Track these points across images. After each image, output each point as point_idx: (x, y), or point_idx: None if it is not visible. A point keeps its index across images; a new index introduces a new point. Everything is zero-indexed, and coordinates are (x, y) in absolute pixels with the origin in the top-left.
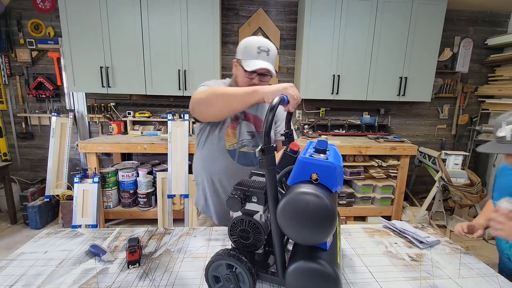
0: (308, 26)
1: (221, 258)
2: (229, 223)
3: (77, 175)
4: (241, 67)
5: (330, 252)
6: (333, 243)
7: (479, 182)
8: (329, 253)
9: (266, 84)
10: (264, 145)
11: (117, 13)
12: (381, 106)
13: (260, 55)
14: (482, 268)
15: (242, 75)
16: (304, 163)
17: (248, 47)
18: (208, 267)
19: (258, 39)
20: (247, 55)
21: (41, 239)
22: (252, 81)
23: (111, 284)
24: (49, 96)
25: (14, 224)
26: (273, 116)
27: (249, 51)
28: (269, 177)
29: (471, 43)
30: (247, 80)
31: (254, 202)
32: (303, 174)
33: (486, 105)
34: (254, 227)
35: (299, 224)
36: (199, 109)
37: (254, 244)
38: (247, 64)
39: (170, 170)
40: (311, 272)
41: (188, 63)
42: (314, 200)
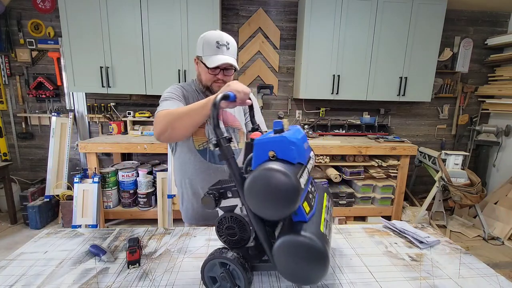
0: (308, 26)
1: (213, 258)
2: (215, 224)
3: (77, 175)
4: (203, 64)
5: (311, 223)
6: (316, 214)
7: (479, 182)
8: (310, 223)
9: (230, 78)
10: (216, 138)
11: (117, 13)
12: (381, 106)
13: (220, 49)
14: (482, 268)
15: (205, 72)
16: (259, 144)
17: (207, 42)
18: (203, 269)
19: (215, 33)
20: (207, 51)
21: (41, 239)
22: (216, 77)
23: (111, 284)
24: (49, 96)
25: (14, 224)
26: (217, 112)
27: (208, 46)
28: (231, 167)
29: (471, 43)
30: (211, 77)
31: (230, 197)
32: (262, 155)
33: (486, 105)
34: (237, 221)
35: (264, 200)
36: (165, 136)
37: (242, 238)
38: (209, 61)
39: (170, 170)
40: (292, 244)
41: (188, 63)
42: (272, 173)
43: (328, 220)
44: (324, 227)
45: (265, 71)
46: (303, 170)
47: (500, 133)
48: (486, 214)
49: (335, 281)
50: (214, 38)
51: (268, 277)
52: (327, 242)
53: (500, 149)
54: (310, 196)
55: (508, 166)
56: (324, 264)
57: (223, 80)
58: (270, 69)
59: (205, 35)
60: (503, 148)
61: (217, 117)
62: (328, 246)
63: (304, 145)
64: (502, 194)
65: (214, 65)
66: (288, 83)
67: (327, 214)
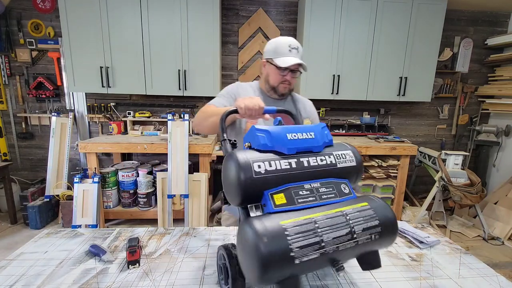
0: (308, 26)
1: (221, 248)
2: None
3: (77, 175)
4: (273, 65)
5: (277, 217)
6: (301, 211)
7: (479, 182)
8: (275, 217)
9: (295, 80)
10: (221, 139)
11: (117, 13)
12: (381, 106)
13: (291, 52)
14: (482, 268)
15: (274, 72)
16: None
17: (279, 46)
18: (217, 256)
19: (287, 38)
20: (278, 53)
21: (41, 239)
22: (284, 78)
23: (111, 284)
24: (49, 96)
25: (14, 224)
26: (223, 125)
27: (280, 49)
28: None
29: (471, 43)
30: (279, 78)
31: None
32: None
33: (486, 105)
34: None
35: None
36: (197, 129)
37: None
38: (280, 61)
39: (170, 170)
40: (239, 232)
41: (188, 63)
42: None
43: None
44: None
45: None
46: (274, 158)
47: (500, 133)
48: (486, 214)
49: (335, 281)
50: (286, 42)
51: None
52: (279, 242)
53: (500, 149)
54: (301, 192)
55: (508, 166)
56: (256, 265)
57: (289, 81)
58: None
59: (278, 39)
60: (503, 148)
61: (224, 127)
62: (279, 247)
63: (290, 135)
64: (502, 194)
65: (285, 65)
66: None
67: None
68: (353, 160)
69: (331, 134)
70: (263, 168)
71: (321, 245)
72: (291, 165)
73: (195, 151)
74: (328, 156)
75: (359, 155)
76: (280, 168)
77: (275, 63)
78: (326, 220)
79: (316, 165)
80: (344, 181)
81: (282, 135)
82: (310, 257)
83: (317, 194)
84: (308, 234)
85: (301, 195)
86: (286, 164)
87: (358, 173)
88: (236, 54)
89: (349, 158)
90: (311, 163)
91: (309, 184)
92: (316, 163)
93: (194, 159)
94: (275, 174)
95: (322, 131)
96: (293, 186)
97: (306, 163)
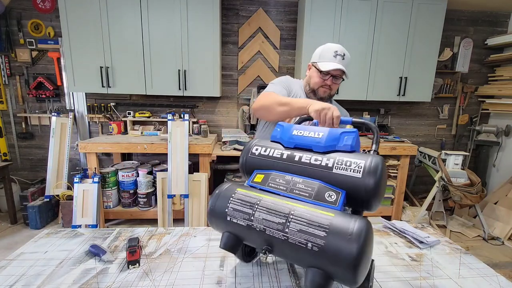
0: (308, 26)
1: None
2: None
3: (77, 175)
4: (316, 69)
5: (244, 188)
6: (269, 196)
7: (479, 182)
8: (242, 187)
9: (337, 86)
10: None
11: (117, 13)
12: (381, 106)
13: (336, 58)
14: (482, 268)
15: (316, 75)
16: None
17: (326, 50)
18: None
19: (336, 45)
20: (323, 58)
21: (41, 239)
22: (324, 82)
23: (111, 284)
24: (49, 96)
25: (14, 224)
26: None
27: (326, 54)
28: None
29: (471, 43)
30: (320, 81)
31: None
32: None
33: (486, 105)
34: None
35: None
36: (260, 113)
37: None
38: (322, 65)
39: (170, 170)
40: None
41: (188, 63)
42: None
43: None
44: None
45: (265, 71)
46: (271, 146)
47: (500, 133)
48: (486, 214)
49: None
50: (333, 48)
51: (268, 277)
52: (223, 199)
53: (500, 149)
54: (278, 180)
55: (508, 166)
56: (208, 208)
57: (330, 86)
58: (270, 69)
59: (326, 44)
60: (503, 148)
61: None
62: (221, 202)
63: (296, 132)
64: (502, 194)
65: (326, 69)
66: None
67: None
68: (359, 172)
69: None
70: (258, 152)
71: (249, 218)
72: (282, 156)
73: (195, 151)
74: (326, 159)
75: (379, 171)
76: (271, 155)
77: (317, 67)
78: (269, 203)
79: (307, 162)
80: (339, 190)
81: (289, 130)
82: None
83: (290, 187)
84: (245, 204)
85: (276, 182)
86: (278, 153)
87: (365, 189)
88: (236, 54)
89: (355, 167)
90: (302, 159)
91: (290, 176)
92: (308, 161)
93: (194, 159)
94: (266, 159)
95: (341, 136)
96: (275, 174)
97: (297, 158)
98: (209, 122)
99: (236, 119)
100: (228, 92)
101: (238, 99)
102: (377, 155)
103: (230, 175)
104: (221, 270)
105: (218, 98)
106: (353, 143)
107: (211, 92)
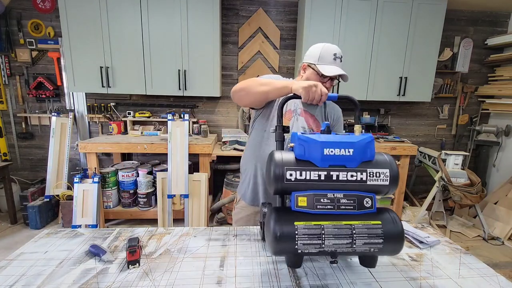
0: (308, 26)
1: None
2: None
3: (77, 175)
4: (315, 71)
5: (293, 216)
6: (318, 217)
7: (479, 182)
8: (291, 215)
9: (330, 88)
10: (277, 124)
11: (117, 13)
12: (381, 106)
13: (335, 61)
14: (482, 268)
15: (314, 78)
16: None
17: (325, 53)
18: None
19: (333, 46)
20: (323, 60)
21: (41, 239)
22: (324, 85)
23: (111, 284)
24: (49, 96)
25: (14, 224)
26: (280, 111)
27: (325, 57)
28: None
29: (471, 43)
30: (320, 83)
31: None
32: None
33: (486, 105)
34: None
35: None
36: (239, 95)
37: None
38: (325, 69)
39: (170, 170)
40: (266, 221)
41: (188, 63)
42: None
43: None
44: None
45: (265, 71)
46: (306, 168)
47: (500, 133)
48: (486, 214)
49: (335, 281)
50: (332, 50)
51: (268, 277)
52: (288, 238)
53: (500, 149)
54: (322, 200)
55: (508, 166)
56: (270, 246)
57: (328, 88)
58: (270, 69)
59: (324, 45)
60: (503, 148)
61: (281, 113)
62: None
63: (327, 151)
64: (502, 194)
65: (330, 74)
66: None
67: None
68: (386, 180)
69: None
70: (293, 177)
71: (321, 247)
72: (319, 177)
73: (195, 151)
74: (360, 173)
75: (397, 173)
76: (309, 178)
77: (317, 70)
78: (333, 229)
79: (345, 179)
80: (370, 195)
81: (319, 149)
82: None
83: (336, 204)
84: (313, 237)
85: (321, 202)
86: (315, 175)
87: (390, 190)
88: (236, 54)
89: (383, 177)
90: (340, 178)
91: (332, 194)
92: (346, 178)
93: (194, 159)
94: (303, 183)
95: (365, 147)
96: (317, 194)
97: (335, 177)
98: (209, 122)
99: (236, 119)
100: (228, 92)
101: None
102: (388, 156)
103: (230, 175)
104: (221, 270)
105: (218, 98)
106: (374, 151)
107: (211, 92)
